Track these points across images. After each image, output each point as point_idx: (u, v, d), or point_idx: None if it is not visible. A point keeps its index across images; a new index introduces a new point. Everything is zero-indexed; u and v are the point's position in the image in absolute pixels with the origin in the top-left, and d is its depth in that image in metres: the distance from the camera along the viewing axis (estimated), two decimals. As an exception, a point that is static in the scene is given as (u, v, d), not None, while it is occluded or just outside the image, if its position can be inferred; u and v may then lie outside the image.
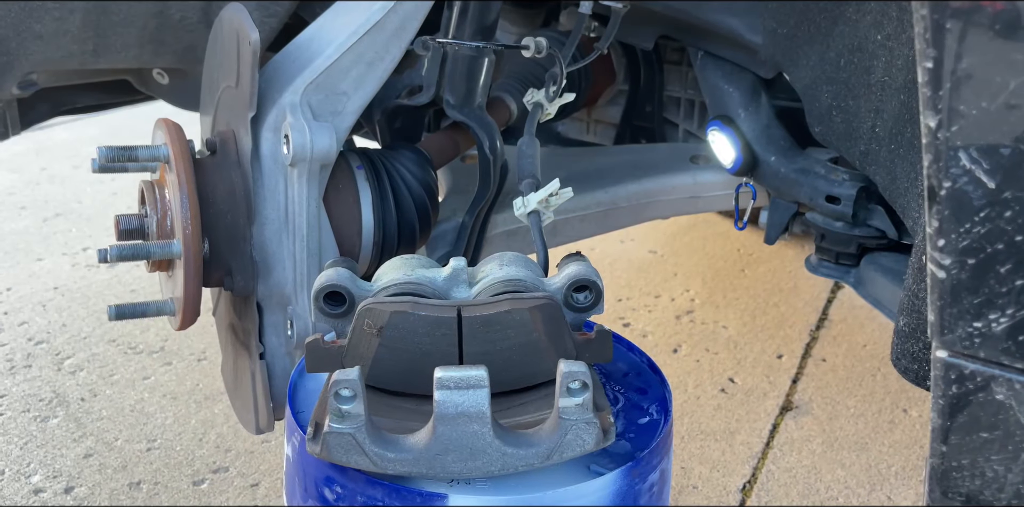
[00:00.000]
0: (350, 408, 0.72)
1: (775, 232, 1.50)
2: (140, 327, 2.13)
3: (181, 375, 1.98)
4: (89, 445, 1.75)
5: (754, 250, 2.57)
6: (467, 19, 1.23)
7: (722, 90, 1.47)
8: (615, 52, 1.76)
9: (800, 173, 1.40)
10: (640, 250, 2.58)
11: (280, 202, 1.14)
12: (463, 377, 0.72)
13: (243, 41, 1.06)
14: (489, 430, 0.73)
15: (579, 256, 0.92)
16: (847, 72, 1.15)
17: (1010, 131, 0.62)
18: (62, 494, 1.62)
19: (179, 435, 1.78)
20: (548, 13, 1.79)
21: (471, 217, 1.31)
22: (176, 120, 1.14)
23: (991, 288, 0.67)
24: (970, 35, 0.61)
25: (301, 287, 1.16)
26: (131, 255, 1.11)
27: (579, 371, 0.73)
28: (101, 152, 1.13)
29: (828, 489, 1.69)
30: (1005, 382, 0.70)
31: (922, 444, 1.81)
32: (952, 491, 0.76)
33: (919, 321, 0.88)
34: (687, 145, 1.72)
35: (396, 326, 0.80)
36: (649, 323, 2.22)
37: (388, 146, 1.31)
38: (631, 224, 1.59)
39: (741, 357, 2.09)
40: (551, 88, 1.26)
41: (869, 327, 2.21)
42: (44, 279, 2.36)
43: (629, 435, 0.86)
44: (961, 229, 0.66)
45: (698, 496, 1.67)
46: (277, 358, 1.20)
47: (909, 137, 1.04)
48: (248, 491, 1.64)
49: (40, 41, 1.34)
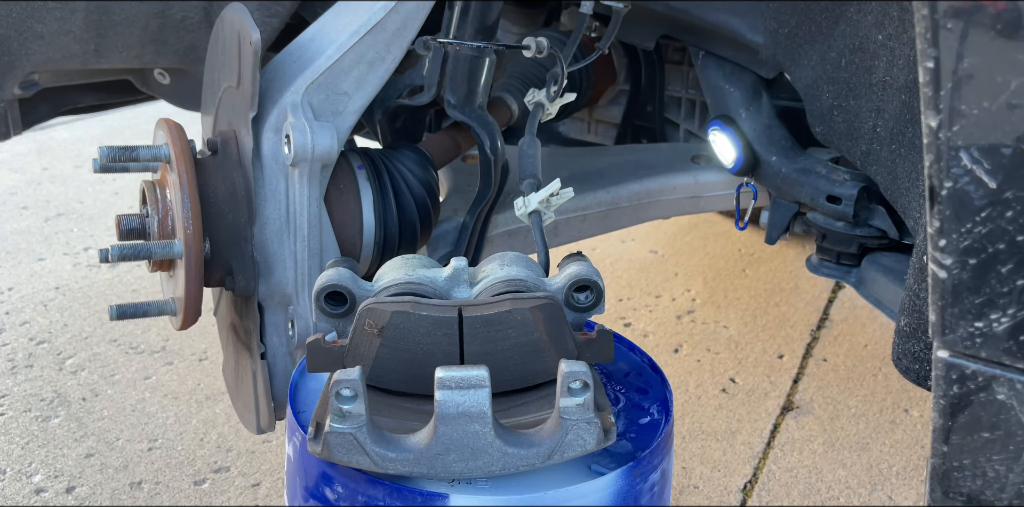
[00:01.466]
0: (351, 408, 0.72)
1: (776, 232, 1.50)
2: (141, 327, 2.13)
3: (182, 375, 1.98)
4: (90, 445, 1.75)
5: (755, 250, 2.57)
6: (468, 19, 1.23)
7: (723, 90, 1.47)
8: (616, 52, 1.76)
9: (801, 173, 1.40)
10: (641, 250, 2.58)
11: (281, 202, 1.14)
12: (464, 377, 0.72)
13: (244, 41, 1.06)
14: (490, 430, 0.73)
15: (580, 256, 0.92)
16: (848, 72, 1.15)
17: (1011, 131, 0.62)
18: (63, 494, 1.62)
19: (180, 435, 1.78)
20: (549, 13, 1.79)
21: (472, 217, 1.31)
22: (177, 120, 1.14)
23: (992, 288, 0.67)
24: (971, 35, 0.61)
25: (302, 287, 1.16)
26: (132, 255, 1.11)
27: (580, 371, 0.73)
28: (102, 152, 1.13)
29: (829, 489, 1.69)
30: (1006, 382, 0.70)
31: (923, 444, 1.81)
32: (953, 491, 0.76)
33: (920, 321, 0.88)
34: (688, 145, 1.72)
35: (397, 326, 0.80)
36: (650, 323, 2.22)
37: (389, 146, 1.31)
38: (632, 224, 1.59)
39: (742, 357, 2.09)
40: (552, 88, 1.26)
41: (870, 327, 2.21)
42: (46, 279, 2.37)
43: (630, 435, 0.86)
44: (962, 229, 0.66)
45: (699, 496, 1.67)
46: (278, 358, 1.20)
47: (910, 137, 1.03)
48: (249, 491, 1.65)
49: (42, 41, 1.34)
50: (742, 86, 1.45)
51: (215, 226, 1.12)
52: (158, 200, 1.15)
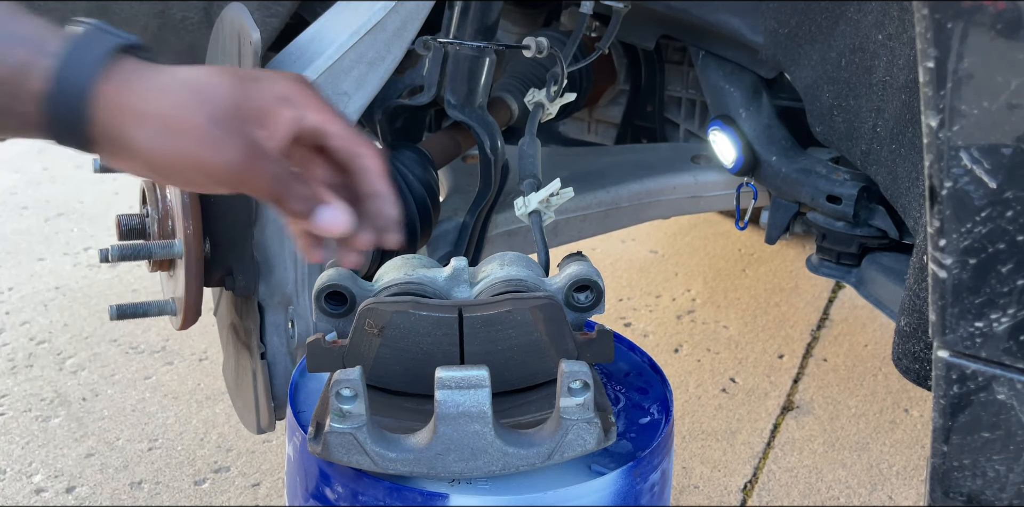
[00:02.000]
0: (351, 408, 0.72)
1: (776, 232, 1.50)
2: (141, 327, 2.13)
3: (182, 375, 1.98)
4: (90, 445, 1.75)
5: (755, 250, 2.57)
6: (468, 19, 1.23)
7: (723, 90, 1.47)
8: (616, 52, 1.76)
9: (801, 173, 1.40)
10: (641, 250, 2.58)
11: (281, 202, 1.14)
12: (464, 377, 0.72)
13: (244, 41, 1.06)
14: (490, 430, 0.73)
15: (580, 256, 0.92)
16: (848, 72, 1.15)
17: (1011, 131, 0.62)
18: (63, 494, 1.62)
19: (180, 435, 1.78)
20: (549, 13, 1.79)
21: (472, 217, 1.31)
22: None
23: (992, 288, 0.67)
24: (972, 35, 0.61)
25: (302, 287, 1.16)
26: (132, 255, 1.12)
27: (580, 371, 0.73)
28: (102, 152, 1.13)
29: (829, 489, 1.69)
30: (1006, 382, 0.70)
31: (923, 444, 1.80)
32: (953, 491, 0.76)
33: (920, 321, 0.88)
34: (688, 145, 1.72)
35: (397, 326, 0.80)
36: (650, 323, 2.22)
37: (389, 146, 1.31)
38: (632, 224, 1.59)
39: (742, 357, 2.09)
40: (552, 88, 1.26)
41: (870, 327, 2.21)
42: (46, 279, 2.37)
43: (630, 435, 0.86)
44: (962, 229, 0.66)
45: (699, 496, 1.67)
46: (278, 358, 1.20)
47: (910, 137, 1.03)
48: (249, 491, 1.65)
49: (42, 41, 1.34)
50: (742, 86, 1.45)
51: (215, 226, 1.12)
52: (158, 200, 1.15)
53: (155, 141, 0.67)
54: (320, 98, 0.74)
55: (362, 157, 0.74)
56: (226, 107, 0.68)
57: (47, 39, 0.66)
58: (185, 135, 0.67)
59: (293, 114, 0.71)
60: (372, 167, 0.75)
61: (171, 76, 0.69)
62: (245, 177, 0.69)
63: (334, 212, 0.72)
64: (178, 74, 0.70)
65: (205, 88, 0.69)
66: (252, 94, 0.70)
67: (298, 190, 0.71)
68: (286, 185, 0.70)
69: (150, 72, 0.68)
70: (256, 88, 0.70)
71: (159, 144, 0.67)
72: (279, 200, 0.71)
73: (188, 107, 0.67)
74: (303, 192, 0.71)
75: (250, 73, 0.72)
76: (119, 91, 0.66)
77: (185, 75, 0.70)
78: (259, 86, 0.71)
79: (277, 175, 0.70)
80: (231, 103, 0.69)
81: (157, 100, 0.67)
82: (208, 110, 0.68)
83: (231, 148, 0.68)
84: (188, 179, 0.70)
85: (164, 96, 0.67)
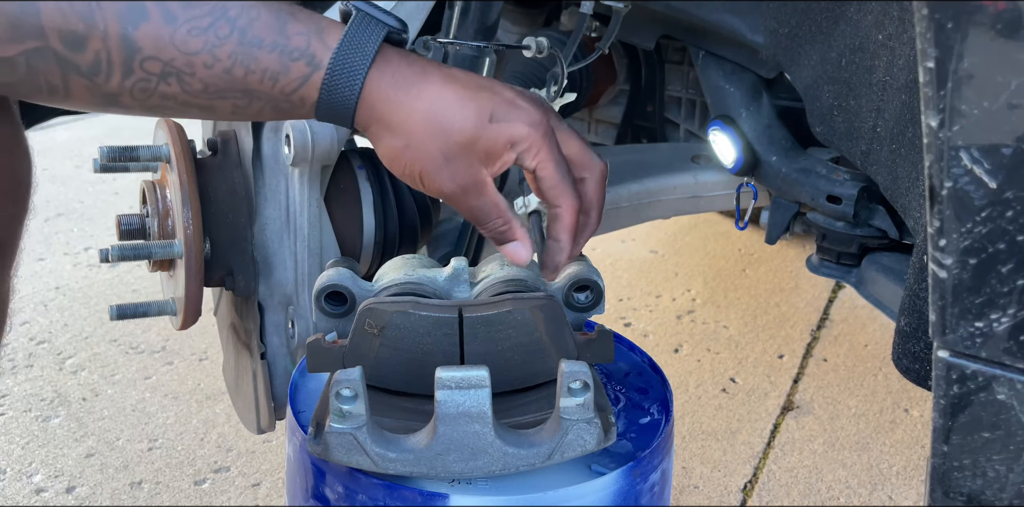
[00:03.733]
0: (351, 408, 0.72)
1: (776, 232, 1.50)
2: (141, 327, 2.13)
3: (182, 375, 1.98)
4: (90, 445, 1.75)
5: (755, 250, 2.57)
6: (468, 19, 1.23)
7: (723, 90, 1.47)
8: (616, 52, 1.76)
9: (801, 173, 1.40)
10: (641, 250, 2.58)
11: (281, 202, 1.14)
12: (464, 377, 0.72)
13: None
14: (490, 430, 0.73)
15: (580, 256, 0.92)
16: (848, 72, 1.15)
17: (1012, 131, 0.62)
18: (63, 494, 1.62)
19: (180, 435, 1.78)
20: (549, 13, 1.79)
21: (472, 217, 1.31)
22: (177, 120, 1.14)
23: (993, 288, 0.67)
24: (972, 35, 0.61)
25: (302, 287, 1.16)
26: (132, 255, 1.12)
27: (580, 371, 0.73)
28: (102, 152, 1.13)
29: (829, 489, 1.69)
30: (1007, 382, 0.70)
31: (923, 444, 1.81)
32: (953, 491, 0.76)
33: (920, 321, 0.88)
34: (688, 145, 1.72)
35: (397, 326, 0.80)
36: (650, 323, 2.22)
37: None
38: (632, 224, 1.59)
39: (742, 357, 2.09)
40: (552, 88, 1.26)
41: (870, 327, 2.21)
42: (46, 279, 2.37)
43: (630, 435, 0.86)
44: (962, 229, 0.66)
45: (699, 496, 1.67)
46: (278, 358, 1.20)
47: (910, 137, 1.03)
48: (249, 491, 1.65)
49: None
50: (742, 86, 1.45)
51: (215, 226, 1.12)
52: (158, 200, 1.15)
53: (394, 149, 0.79)
54: (550, 139, 0.81)
55: (559, 208, 0.84)
56: (459, 143, 0.78)
57: (317, 50, 0.75)
58: (418, 154, 0.78)
59: (516, 157, 0.80)
60: (564, 218, 0.84)
61: (419, 91, 0.78)
62: (455, 201, 0.81)
63: (517, 249, 0.85)
64: (425, 93, 0.78)
65: (444, 121, 0.77)
66: (487, 136, 0.78)
67: (496, 225, 0.83)
68: (488, 218, 0.82)
69: (405, 84, 0.78)
70: (495, 131, 0.78)
71: (396, 152, 0.79)
72: (479, 225, 0.84)
73: (425, 135, 0.78)
74: (500, 227, 0.83)
75: (499, 109, 0.79)
76: (377, 100, 0.77)
77: (433, 96, 0.78)
78: (498, 129, 0.78)
79: (483, 209, 0.82)
80: (465, 141, 0.78)
81: (404, 120, 0.78)
82: (441, 143, 0.78)
83: (450, 179, 0.79)
84: (413, 183, 0.81)
85: (409, 118, 0.78)
